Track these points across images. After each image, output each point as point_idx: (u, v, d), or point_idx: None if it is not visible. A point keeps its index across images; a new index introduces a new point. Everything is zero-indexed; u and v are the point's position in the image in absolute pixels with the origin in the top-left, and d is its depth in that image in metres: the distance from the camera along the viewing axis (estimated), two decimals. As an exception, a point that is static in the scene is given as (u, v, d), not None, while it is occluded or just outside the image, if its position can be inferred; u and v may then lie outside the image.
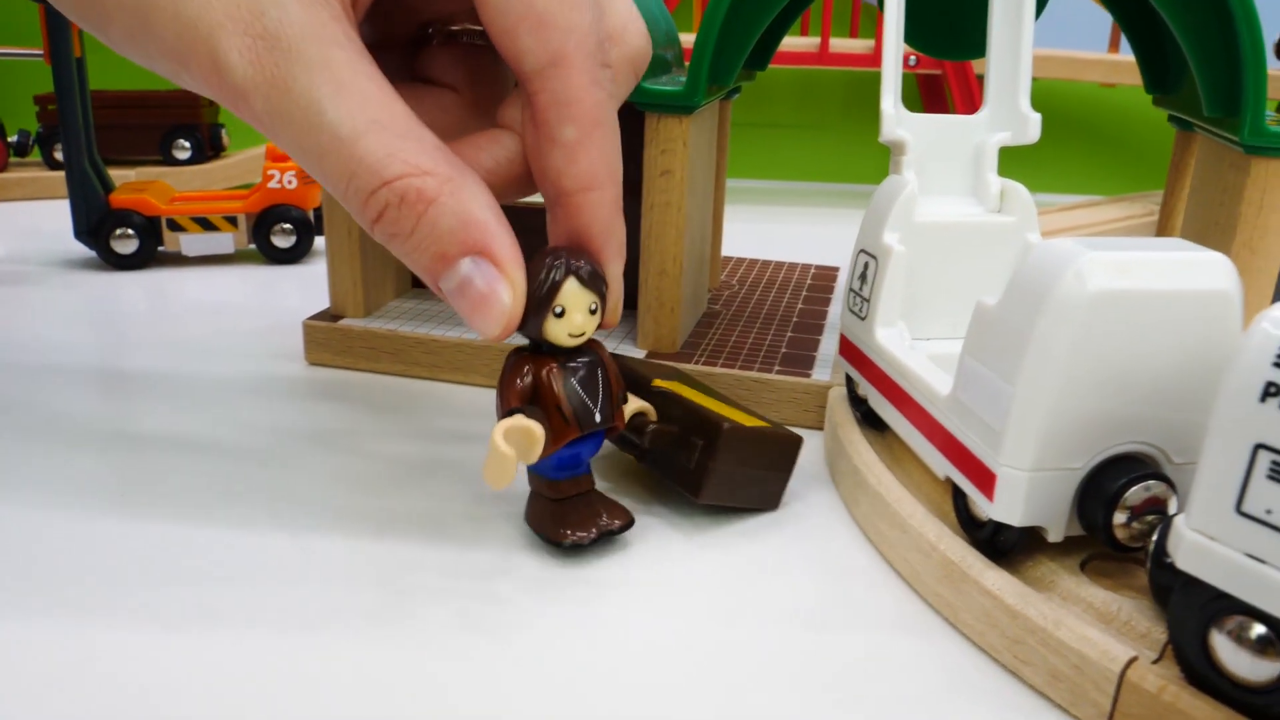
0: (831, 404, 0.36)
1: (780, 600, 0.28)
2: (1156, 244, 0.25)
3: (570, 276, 0.26)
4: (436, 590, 0.27)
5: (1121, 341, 0.24)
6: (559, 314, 0.26)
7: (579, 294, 0.26)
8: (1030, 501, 0.25)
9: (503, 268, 0.24)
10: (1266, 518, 0.20)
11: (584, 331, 0.27)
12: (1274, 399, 0.19)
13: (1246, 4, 0.32)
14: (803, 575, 0.29)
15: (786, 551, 0.30)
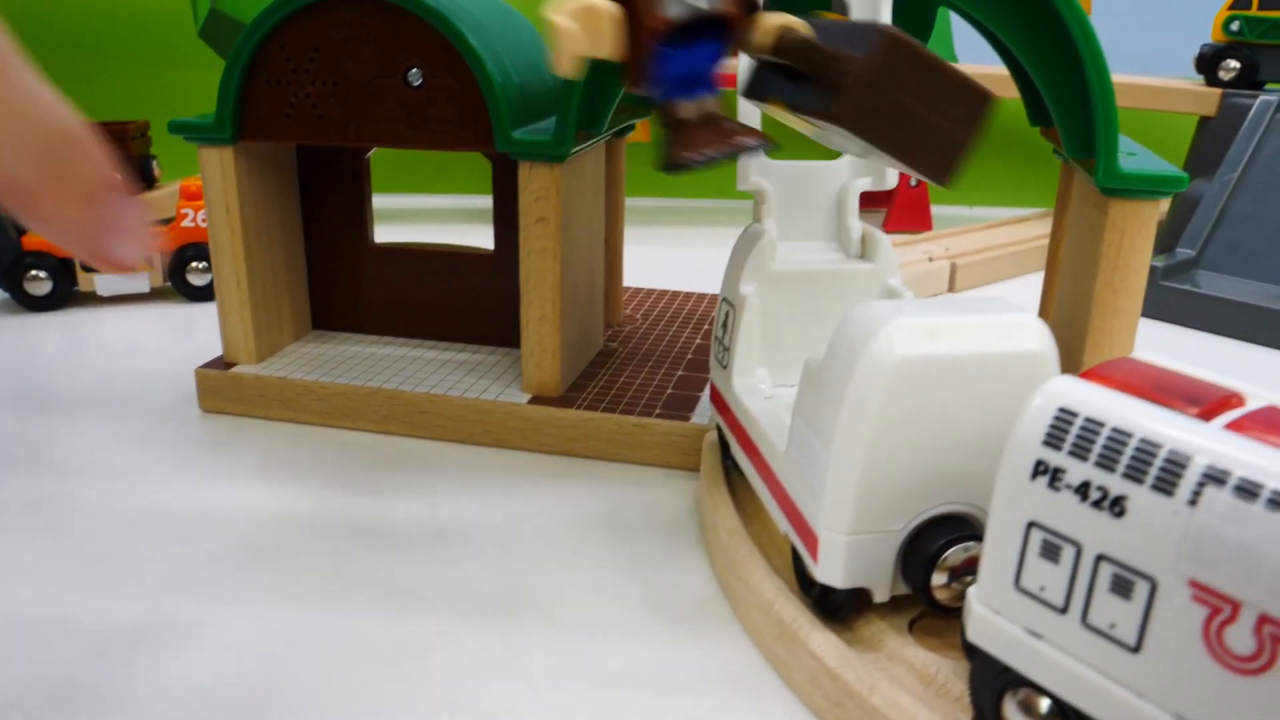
0: (703, 450, 0.36)
1: (628, 656, 0.28)
2: (976, 306, 0.25)
3: None
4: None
5: (932, 405, 0.24)
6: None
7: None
8: (851, 564, 0.25)
9: None
10: (1040, 594, 0.20)
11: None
12: (1043, 477, 0.20)
13: (1095, 52, 0.32)
14: (654, 627, 0.29)
15: (643, 602, 0.30)
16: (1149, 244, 0.34)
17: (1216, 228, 0.64)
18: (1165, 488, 0.18)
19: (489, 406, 0.40)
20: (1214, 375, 0.21)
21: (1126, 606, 0.18)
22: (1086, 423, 0.19)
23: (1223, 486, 0.17)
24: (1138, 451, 0.18)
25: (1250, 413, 0.19)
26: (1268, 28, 0.69)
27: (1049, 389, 0.20)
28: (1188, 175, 0.33)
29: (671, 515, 0.35)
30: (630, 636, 0.29)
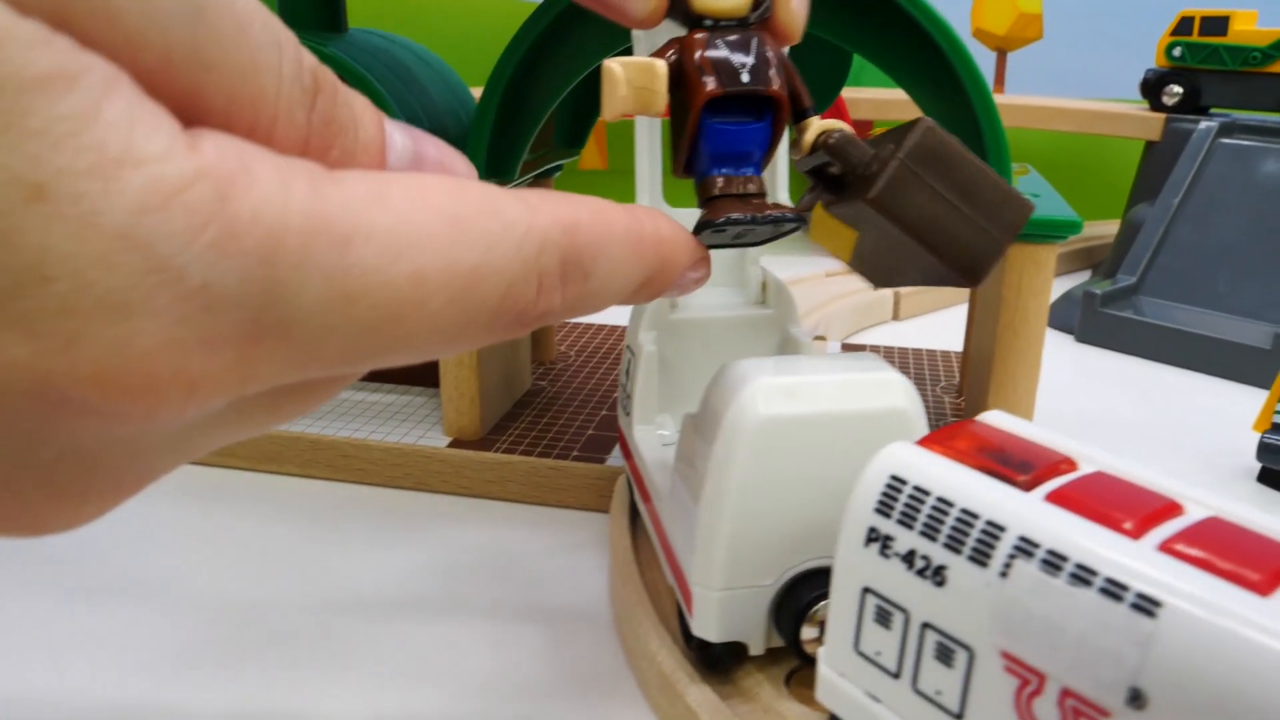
0: (615, 493, 0.36)
1: (518, 704, 0.28)
2: (846, 365, 0.25)
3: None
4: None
5: (796, 463, 0.24)
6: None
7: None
8: (724, 618, 0.25)
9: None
10: (877, 658, 0.20)
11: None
12: (875, 544, 0.20)
13: (986, 101, 0.32)
14: (549, 675, 0.29)
15: (542, 648, 0.30)
16: (1047, 287, 0.34)
17: (1158, 254, 0.64)
18: (980, 559, 0.18)
19: (409, 451, 0.40)
20: (1058, 439, 0.21)
21: (950, 674, 0.19)
22: (914, 491, 0.19)
23: (1031, 559, 0.17)
24: (958, 522, 0.18)
25: (1073, 481, 0.19)
26: (1208, 53, 0.70)
27: (883, 456, 0.20)
28: (1080, 219, 0.33)
29: (581, 560, 0.35)
30: (523, 683, 0.29)
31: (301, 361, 0.14)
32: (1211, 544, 0.17)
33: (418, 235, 0.15)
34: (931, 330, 0.64)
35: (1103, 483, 0.19)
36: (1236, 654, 0.15)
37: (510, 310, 0.16)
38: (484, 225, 0.16)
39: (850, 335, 0.61)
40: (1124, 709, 0.16)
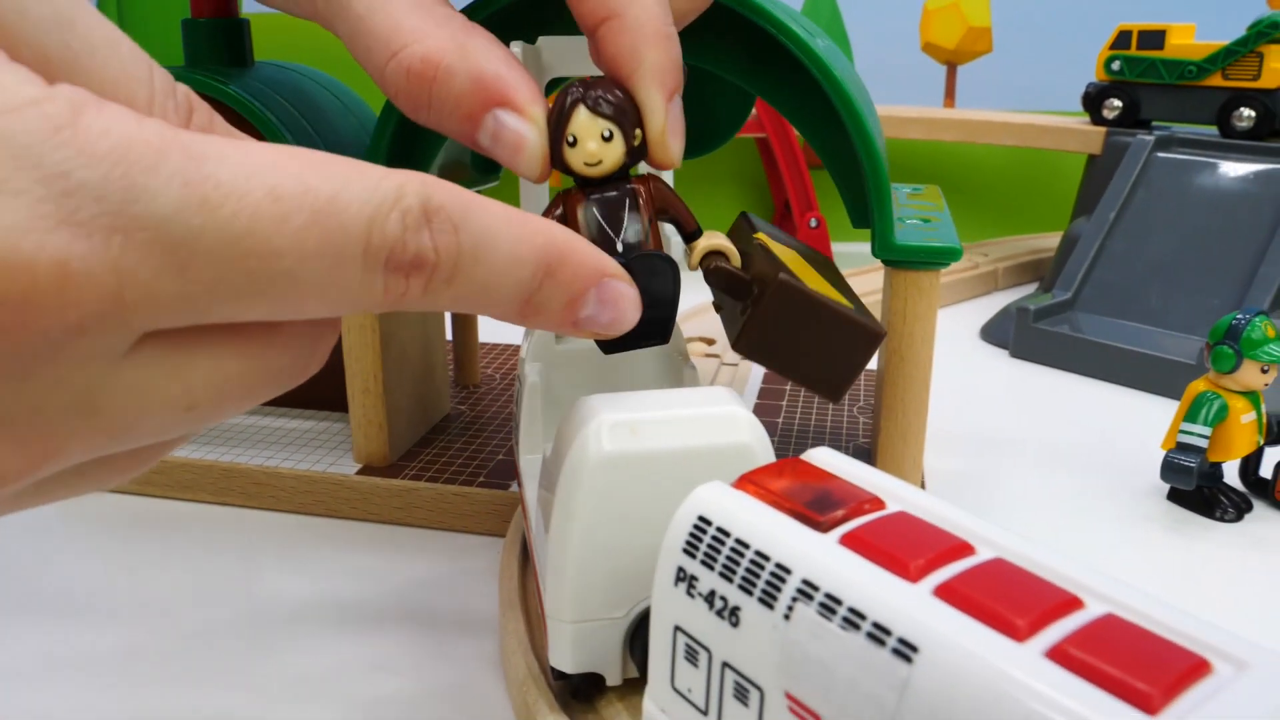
0: (513, 520, 0.37)
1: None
2: (694, 400, 0.25)
3: (579, 104, 0.25)
4: None
5: (640, 498, 0.24)
6: (572, 143, 0.25)
7: (589, 122, 0.25)
8: (577, 650, 0.26)
9: (522, 111, 0.24)
10: (689, 695, 0.21)
11: (599, 160, 0.25)
12: (683, 583, 0.20)
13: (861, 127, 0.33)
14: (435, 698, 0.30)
15: (427, 675, 0.31)
16: (932, 312, 0.35)
17: (1093, 268, 0.65)
18: (768, 601, 0.18)
19: (318, 478, 0.40)
20: (876, 478, 0.21)
21: (746, 713, 0.19)
22: (717, 532, 0.20)
23: (811, 602, 0.18)
24: (751, 564, 0.19)
25: (870, 523, 0.19)
26: (1146, 67, 0.71)
27: (693, 497, 0.21)
28: (959, 247, 0.34)
29: (478, 586, 0.36)
30: (407, 707, 0.29)
31: (178, 267, 0.16)
32: (985, 587, 0.17)
33: (271, 163, 0.17)
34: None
35: (900, 524, 0.19)
36: (984, 700, 0.15)
37: (380, 245, 0.18)
38: (338, 165, 0.18)
39: (785, 353, 0.61)
40: (885, 751, 0.16)
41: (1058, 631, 0.16)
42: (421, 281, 0.19)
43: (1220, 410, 0.41)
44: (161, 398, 0.17)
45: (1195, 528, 0.41)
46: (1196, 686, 0.15)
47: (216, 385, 0.18)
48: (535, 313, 0.21)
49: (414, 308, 0.19)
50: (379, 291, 0.18)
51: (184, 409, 0.17)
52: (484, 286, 0.20)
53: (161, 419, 0.17)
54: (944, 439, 0.47)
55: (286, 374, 0.19)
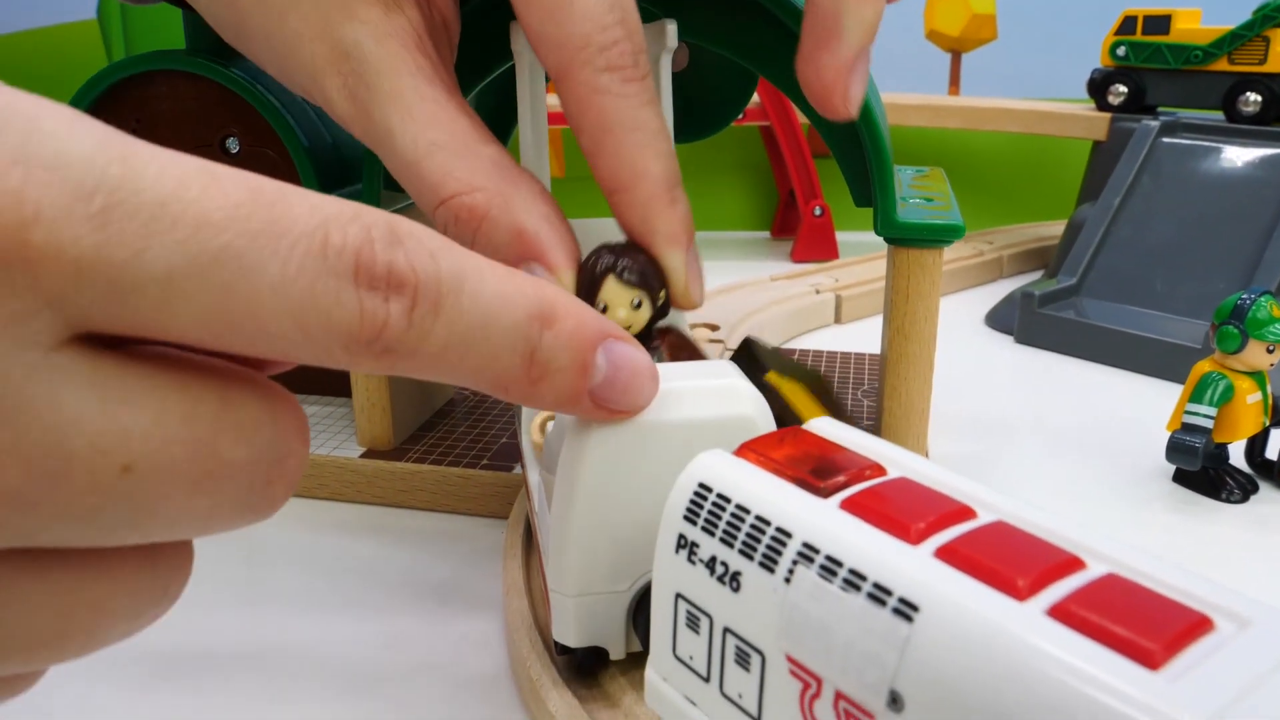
0: (517, 501, 0.37)
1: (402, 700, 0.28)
2: (696, 372, 0.25)
3: (609, 275, 0.27)
4: None
5: (642, 471, 0.24)
6: (602, 310, 0.27)
7: (619, 291, 0.27)
8: (581, 624, 0.26)
9: (554, 271, 0.26)
10: (691, 663, 0.21)
11: (629, 325, 0.27)
12: (684, 550, 0.20)
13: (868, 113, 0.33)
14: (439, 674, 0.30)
15: (431, 654, 0.31)
16: (934, 290, 0.35)
17: (1098, 254, 0.65)
18: (769, 565, 0.18)
19: (322, 461, 0.41)
20: (877, 446, 0.21)
21: (747, 678, 0.19)
22: (717, 499, 0.20)
23: (811, 565, 0.18)
24: (751, 529, 0.19)
25: (871, 488, 0.19)
26: (1151, 52, 0.70)
27: (694, 464, 0.21)
28: (962, 224, 0.34)
29: (482, 566, 0.36)
30: (412, 684, 0.29)
31: (94, 214, 0.14)
32: (986, 548, 0.17)
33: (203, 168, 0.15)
34: (874, 334, 0.64)
35: (900, 489, 0.19)
36: (985, 657, 0.15)
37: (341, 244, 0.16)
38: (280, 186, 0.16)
39: (788, 340, 0.61)
40: (885, 711, 0.16)
41: (1059, 590, 0.16)
42: (404, 306, 0.17)
43: (1226, 391, 0.41)
44: (91, 434, 0.14)
45: (1201, 509, 0.41)
46: (1199, 643, 0.15)
47: (160, 439, 0.15)
48: (543, 374, 0.20)
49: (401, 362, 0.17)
50: (354, 308, 0.16)
51: (119, 468, 0.14)
52: (480, 323, 0.18)
53: (90, 473, 0.14)
54: (949, 423, 0.47)
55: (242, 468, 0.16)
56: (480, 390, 0.20)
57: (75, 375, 0.14)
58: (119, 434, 0.14)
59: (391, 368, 0.17)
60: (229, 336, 0.15)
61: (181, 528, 0.16)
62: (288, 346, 0.16)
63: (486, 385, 0.19)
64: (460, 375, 0.19)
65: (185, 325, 0.15)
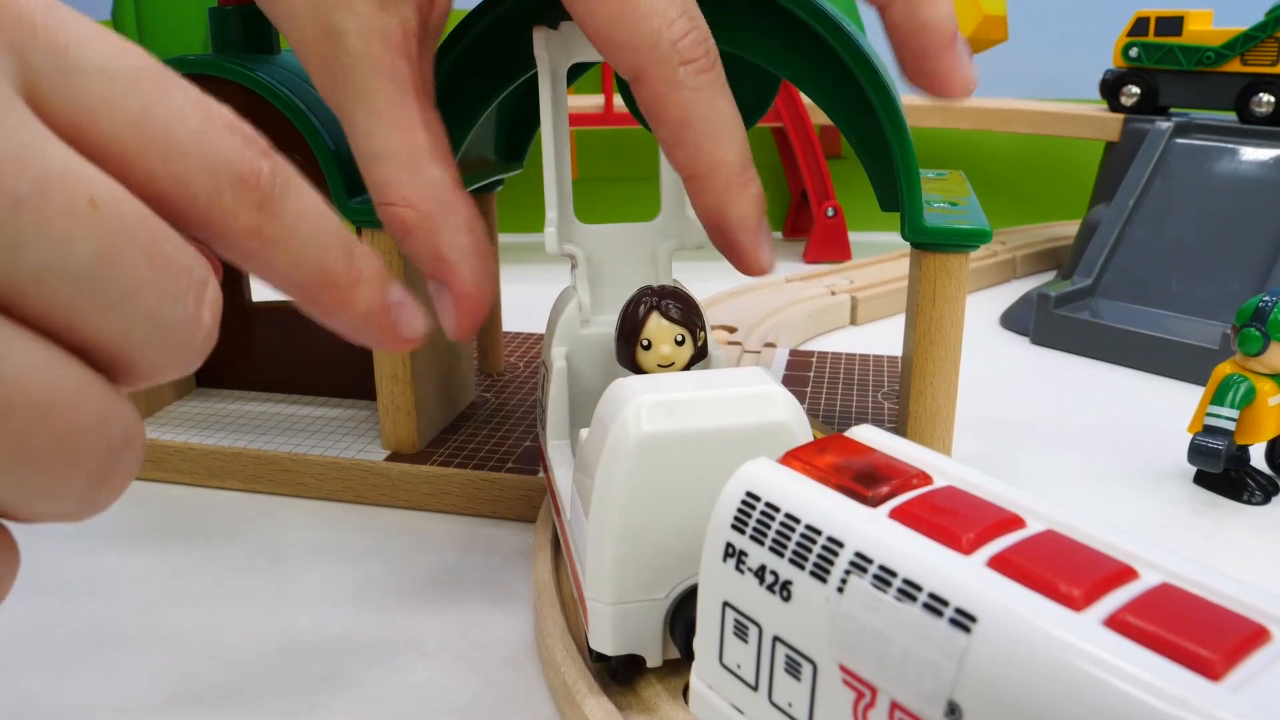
0: (543, 506, 0.37)
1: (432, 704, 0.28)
2: (730, 380, 0.25)
3: (654, 312, 0.29)
4: None
5: (680, 478, 0.24)
6: (646, 346, 0.29)
7: (664, 328, 0.29)
8: (619, 632, 0.26)
9: (454, 298, 0.28)
10: (738, 671, 0.21)
11: (672, 361, 0.29)
12: (732, 559, 0.20)
13: (891, 108, 0.33)
14: (472, 677, 0.30)
15: (459, 657, 0.31)
16: (961, 295, 0.35)
17: (1113, 255, 0.65)
18: (821, 574, 0.18)
19: (347, 465, 0.41)
20: (920, 454, 0.21)
21: (798, 687, 0.19)
22: (766, 507, 0.20)
23: (864, 574, 0.18)
24: (802, 538, 0.19)
25: (919, 497, 0.19)
26: (1164, 54, 0.70)
27: (740, 473, 0.21)
28: (989, 229, 0.34)
29: (510, 571, 0.36)
30: (445, 684, 0.29)
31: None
32: (1039, 558, 0.17)
33: None
34: (890, 336, 0.64)
35: (948, 498, 0.19)
36: (1044, 668, 0.15)
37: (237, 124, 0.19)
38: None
39: (805, 341, 0.62)
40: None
41: (1115, 600, 0.16)
42: (272, 166, 0.19)
43: (1248, 393, 0.41)
44: (65, 160, 0.16)
45: (1222, 511, 0.41)
46: (1258, 652, 0.15)
47: (118, 191, 0.17)
48: (359, 276, 0.21)
49: (267, 224, 0.19)
50: (243, 153, 0.18)
51: (88, 199, 0.16)
52: (320, 210, 0.20)
53: (65, 194, 0.15)
54: (967, 424, 0.47)
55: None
56: (303, 294, 0.21)
57: (40, 122, 0.16)
58: (86, 172, 0.16)
59: (257, 231, 0.19)
60: (148, 148, 0.17)
61: (136, 305, 0.17)
62: (191, 170, 0.18)
63: (317, 277, 0.21)
64: (303, 255, 0.20)
65: (114, 123, 0.17)
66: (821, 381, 0.50)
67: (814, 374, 0.51)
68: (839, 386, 0.49)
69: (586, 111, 0.77)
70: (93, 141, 0.17)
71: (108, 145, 0.17)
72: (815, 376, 0.50)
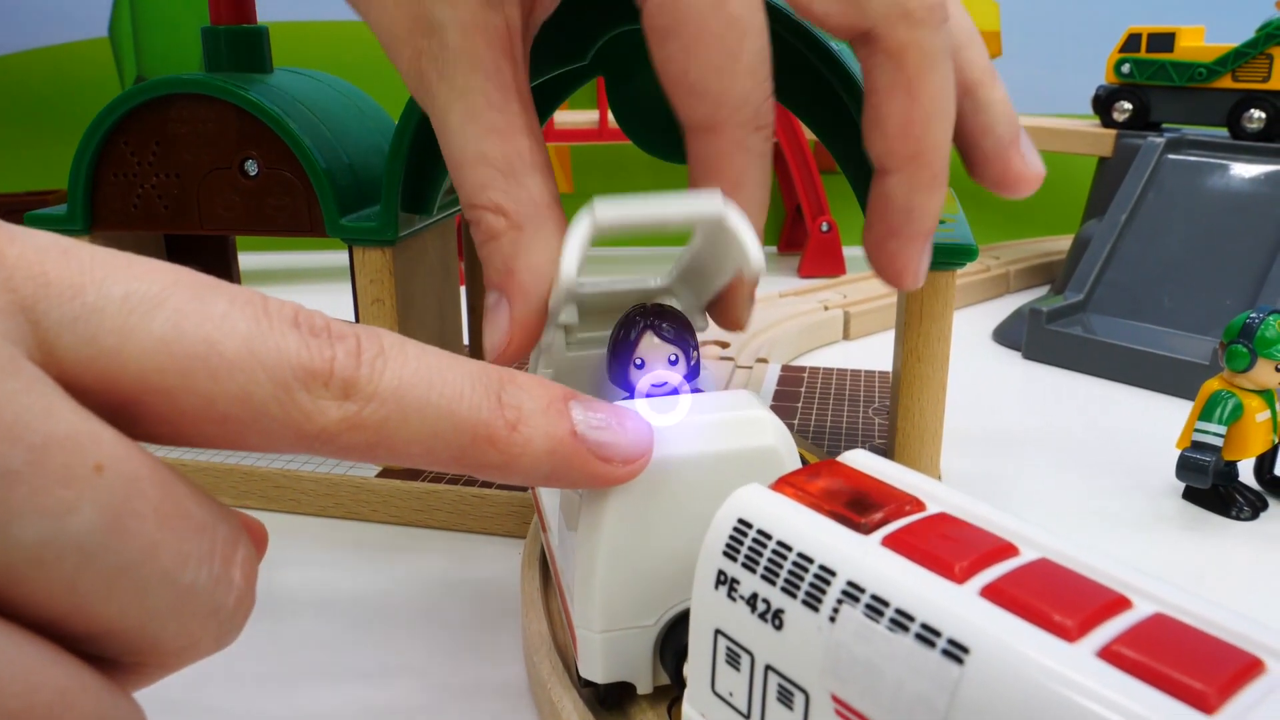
0: (533, 523, 0.37)
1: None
2: (717, 404, 0.25)
3: (647, 331, 0.28)
4: None
5: (667, 504, 0.24)
6: (639, 365, 0.28)
7: (656, 346, 0.28)
8: (608, 660, 0.25)
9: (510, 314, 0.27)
10: (730, 699, 0.21)
11: (665, 381, 0.28)
12: (724, 586, 0.20)
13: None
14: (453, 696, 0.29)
15: (446, 680, 0.31)
16: (948, 312, 0.35)
17: (1105, 269, 0.65)
18: (813, 603, 0.18)
19: (339, 480, 0.40)
20: (913, 479, 0.21)
21: (790, 716, 0.19)
22: (758, 535, 0.20)
23: (857, 604, 0.18)
24: (794, 566, 0.19)
25: (912, 524, 0.19)
26: (1156, 70, 0.71)
27: (732, 500, 0.21)
28: (976, 247, 0.34)
29: (499, 588, 0.36)
30: (425, 709, 0.29)
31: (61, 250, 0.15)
32: (1032, 587, 0.17)
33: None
34: (883, 350, 0.64)
35: (941, 525, 0.19)
36: (1037, 700, 0.15)
37: (286, 307, 0.17)
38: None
39: (797, 357, 0.61)
40: (935, 753, 0.16)
41: (1108, 631, 0.16)
42: (349, 347, 0.17)
43: (1235, 409, 0.41)
44: (70, 423, 0.14)
45: (1211, 527, 0.41)
46: (1252, 685, 0.15)
47: (128, 451, 0.15)
48: (519, 416, 0.20)
49: (366, 407, 0.17)
50: (299, 342, 0.17)
51: (93, 465, 0.14)
52: (435, 366, 0.18)
53: (65, 461, 0.14)
54: (957, 440, 0.47)
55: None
56: (461, 464, 0.19)
57: (49, 382, 0.14)
58: (93, 433, 0.15)
59: (357, 421, 0.17)
60: (190, 368, 0.16)
61: (150, 572, 0.15)
62: (249, 381, 0.16)
63: (461, 439, 0.19)
64: (428, 423, 0.18)
65: (141, 352, 0.15)
66: (813, 397, 0.50)
67: (805, 389, 0.51)
68: (830, 402, 0.49)
69: (581, 127, 0.77)
70: (124, 383, 0.15)
71: (140, 381, 0.15)
72: (806, 392, 0.50)
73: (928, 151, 0.28)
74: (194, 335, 0.16)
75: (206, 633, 0.16)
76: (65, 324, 0.15)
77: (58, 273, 0.15)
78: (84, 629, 0.15)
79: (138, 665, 0.16)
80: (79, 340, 0.15)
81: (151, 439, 0.16)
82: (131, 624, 0.15)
